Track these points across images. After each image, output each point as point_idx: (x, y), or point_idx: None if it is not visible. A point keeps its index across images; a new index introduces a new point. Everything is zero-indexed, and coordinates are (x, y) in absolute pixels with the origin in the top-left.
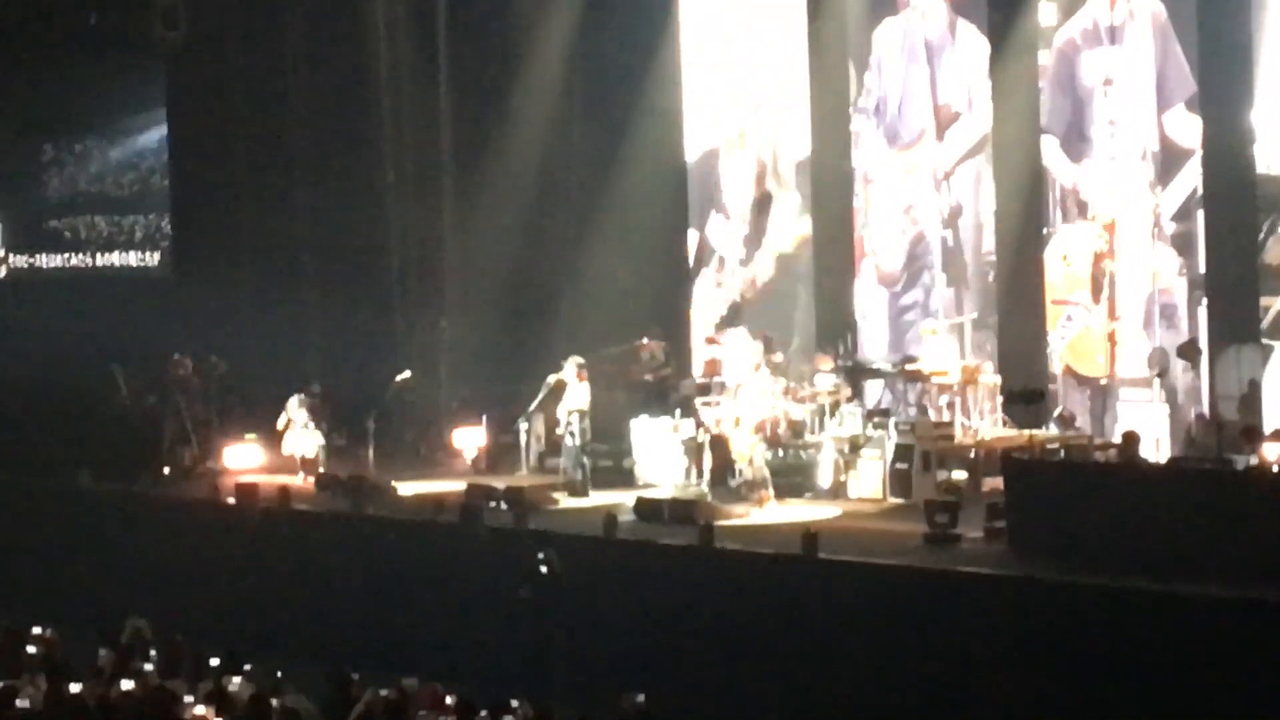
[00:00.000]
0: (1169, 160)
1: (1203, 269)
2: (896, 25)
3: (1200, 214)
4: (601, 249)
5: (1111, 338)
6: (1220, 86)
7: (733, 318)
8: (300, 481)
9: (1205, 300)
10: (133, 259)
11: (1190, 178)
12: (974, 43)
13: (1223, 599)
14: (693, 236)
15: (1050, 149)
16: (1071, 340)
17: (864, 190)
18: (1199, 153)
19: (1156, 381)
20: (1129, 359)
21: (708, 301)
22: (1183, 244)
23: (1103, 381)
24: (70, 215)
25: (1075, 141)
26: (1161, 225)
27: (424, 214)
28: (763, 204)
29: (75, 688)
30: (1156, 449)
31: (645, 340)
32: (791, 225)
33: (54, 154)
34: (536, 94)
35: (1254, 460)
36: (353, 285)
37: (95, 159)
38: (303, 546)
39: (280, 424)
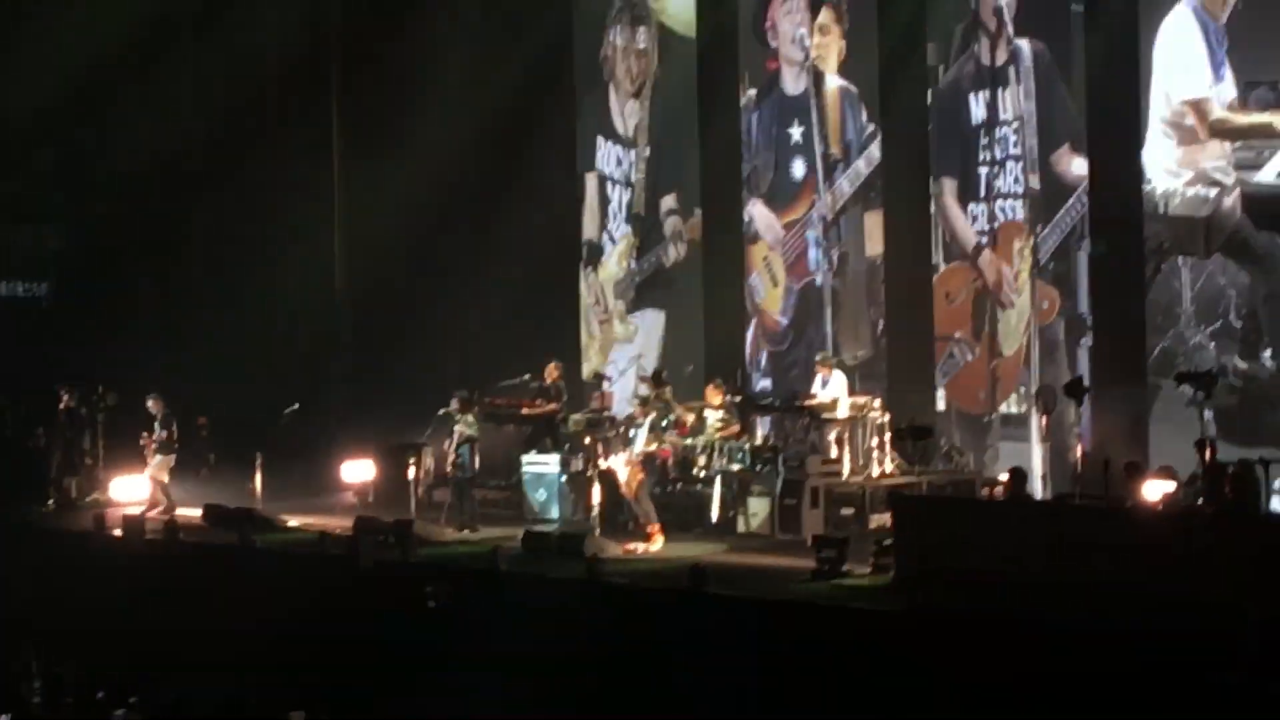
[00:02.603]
0: (1052, 200)
1: (1082, 308)
2: (766, 90)
3: (1081, 255)
4: (493, 284)
5: (993, 375)
6: (1108, 126)
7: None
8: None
9: (1088, 339)
10: (20, 289)
11: (1070, 218)
12: (847, 92)
13: (1108, 634)
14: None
15: (938, 190)
16: (953, 377)
17: (748, 252)
18: (1082, 193)
19: (1039, 419)
20: (1009, 397)
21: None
22: (1062, 284)
23: (985, 419)
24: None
25: (961, 182)
26: (1041, 265)
27: (315, 247)
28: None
29: None
30: (1043, 486)
31: (555, 366)
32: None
33: None
34: (430, 127)
35: (1138, 498)
36: (243, 316)
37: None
38: (191, 579)
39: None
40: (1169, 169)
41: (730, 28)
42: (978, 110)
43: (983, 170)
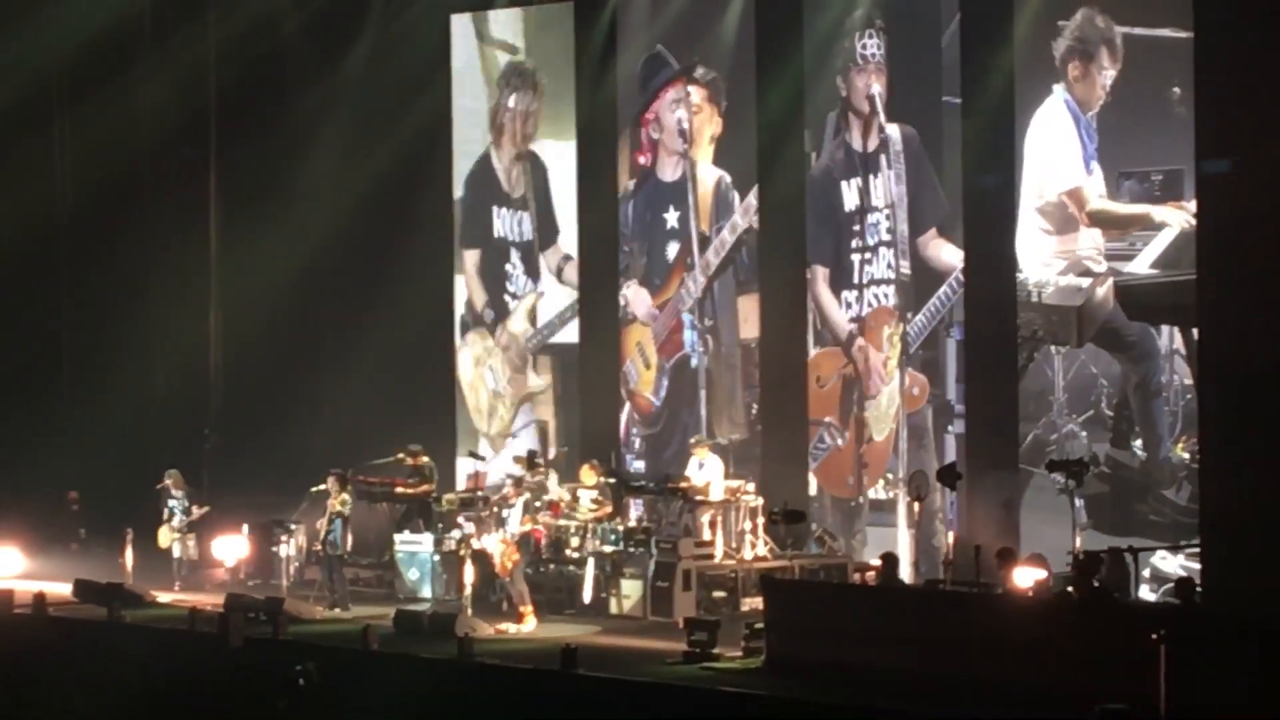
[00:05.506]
0: (923, 285)
1: (950, 395)
2: (641, 181)
3: (950, 341)
4: (368, 360)
5: (861, 460)
6: (982, 213)
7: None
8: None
9: (957, 426)
10: None
11: (940, 305)
12: (721, 179)
13: None
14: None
15: (811, 277)
16: (822, 461)
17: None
18: (953, 278)
19: (908, 504)
20: (877, 482)
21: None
22: (931, 371)
23: (852, 503)
24: None
25: (834, 269)
26: (909, 353)
27: (189, 320)
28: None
29: None
30: (913, 572)
31: (408, 452)
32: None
33: None
34: (306, 203)
35: (1010, 584)
36: (115, 389)
37: None
38: (59, 653)
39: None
40: (1042, 258)
41: (609, 123)
42: (850, 197)
43: (855, 258)
